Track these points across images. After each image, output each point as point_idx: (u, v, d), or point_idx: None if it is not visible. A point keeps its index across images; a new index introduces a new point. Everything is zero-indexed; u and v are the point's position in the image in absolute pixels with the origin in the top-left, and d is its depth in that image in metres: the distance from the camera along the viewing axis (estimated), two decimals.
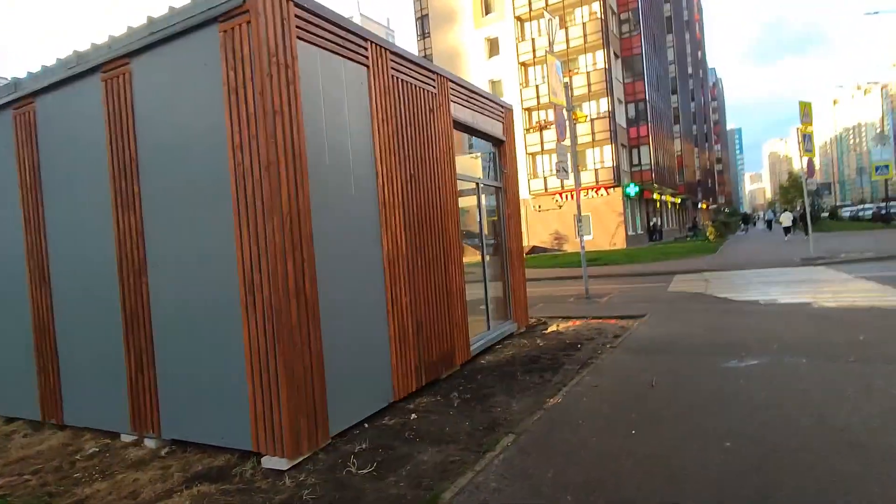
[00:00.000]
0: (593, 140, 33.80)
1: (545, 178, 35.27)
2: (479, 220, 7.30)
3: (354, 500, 3.08)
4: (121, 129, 4.33)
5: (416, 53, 43.27)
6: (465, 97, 6.80)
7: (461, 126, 6.77)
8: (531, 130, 35.59)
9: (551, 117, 35.64)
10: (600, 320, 8.84)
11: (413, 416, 4.53)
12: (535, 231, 36.27)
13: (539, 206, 36.00)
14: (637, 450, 3.41)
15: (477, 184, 7.28)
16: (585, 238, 36.62)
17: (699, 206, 70.33)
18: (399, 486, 3.21)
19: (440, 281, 5.77)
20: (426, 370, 5.35)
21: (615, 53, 35.79)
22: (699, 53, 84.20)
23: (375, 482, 3.28)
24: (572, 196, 34.68)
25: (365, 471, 3.46)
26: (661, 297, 10.78)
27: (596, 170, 34.03)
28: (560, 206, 35.30)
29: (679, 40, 60.54)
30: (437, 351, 5.57)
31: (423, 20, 41.20)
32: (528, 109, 35.91)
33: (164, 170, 4.15)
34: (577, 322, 8.83)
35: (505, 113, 8.09)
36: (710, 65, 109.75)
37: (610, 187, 33.70)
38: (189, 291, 4.08)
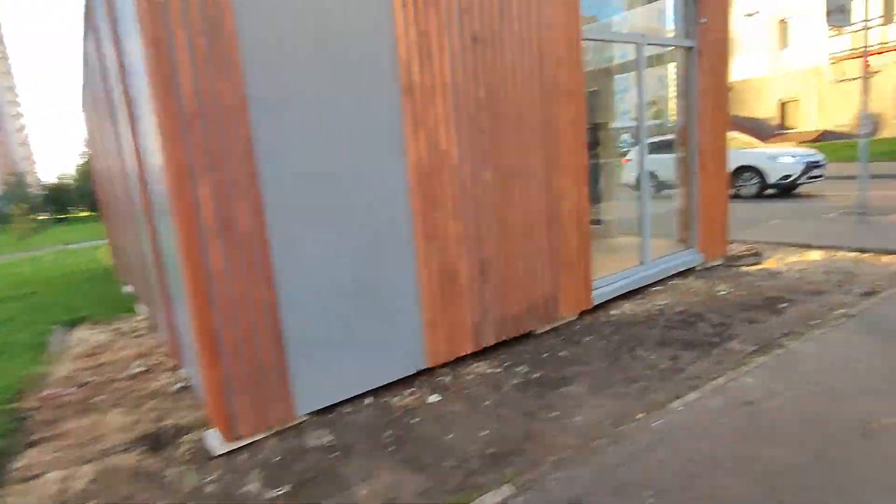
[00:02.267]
0: None
1: (853, 34, 25.41)
2: (639, 102, 4.90)
3: None
4: None
5: None
6: None
7: None
8: None
9: None
10: (860, 255, 5.61)
11: (435, 397, 3.22)
12: (829, 111, 27.32)
13: (843, 75, 26.55)
14: None
15: (637, 45, 4.79)
16: None
17: None
18: None
19: (535, 201, 3.97)
20: (497, 326, 3.85)
21: None
22: None
23: None
24: None
25: (274, 493, 2.41)
26: None
27: None
28: (873, 75, 25.37)
29: None
30: (519, 300, 3.97)
31: None
32: None
33: None
34: (818, 255, 5.79)
35: None
36: None
37: None
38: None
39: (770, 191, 11.17)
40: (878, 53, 25.37)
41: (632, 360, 3.51)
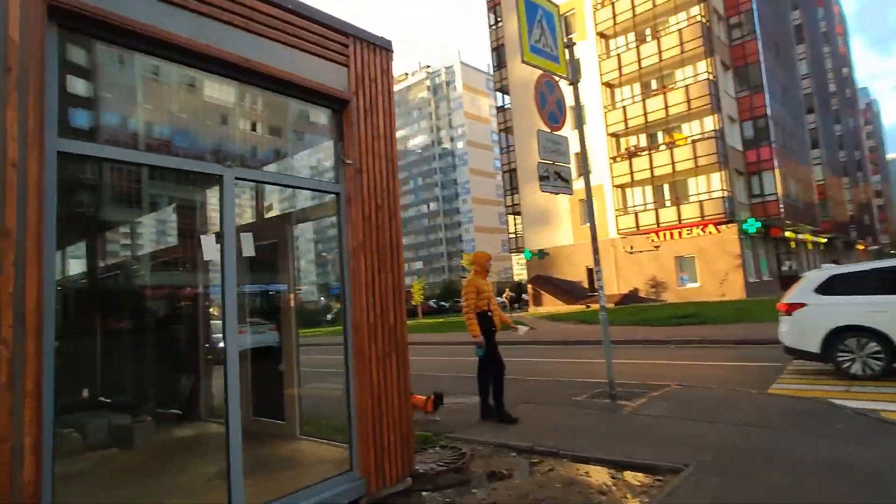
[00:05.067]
0: (696, 166, 27.60)
1: (636, 213, 29.52)
2: (223, 258, 3.26)
3: None
4: None
5: (493, 84, 39.96)
6: None
7: (124, 33, 2.92)
8: (618, 159, 30.30)
9: (643, 143, 30.25)
10: (581, 469, 4.21)
11: None
12: (626, 276, 30.34)
13: (631, 247, 30.12)
14: None
15: (221, 179, 3.31)
16: (690, 285, 30.02)
17: (855, 247, 57.67)
18: None
19: None
20: None
21: (723, 63, 29.68)
22: (844, 70, 71.69)
23: None
24: (672, 235, 28.56)
25: None
26: (744, 411, 5.65)
27: (701, 202, 27.61)
28: (657, 247, 29.17)
29: (815, 52, 51.25)
30: None
31: (498, 50, 38.32)
32: (615, 135, 30.78)
33: None
34: (538, 471, 4.29)
35: (352, 48, 4.09)
36: (860, 84, 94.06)
37: (721, 223, 27.02)
38: None
39: None
40: (657, 232, 29.32)
41: None
